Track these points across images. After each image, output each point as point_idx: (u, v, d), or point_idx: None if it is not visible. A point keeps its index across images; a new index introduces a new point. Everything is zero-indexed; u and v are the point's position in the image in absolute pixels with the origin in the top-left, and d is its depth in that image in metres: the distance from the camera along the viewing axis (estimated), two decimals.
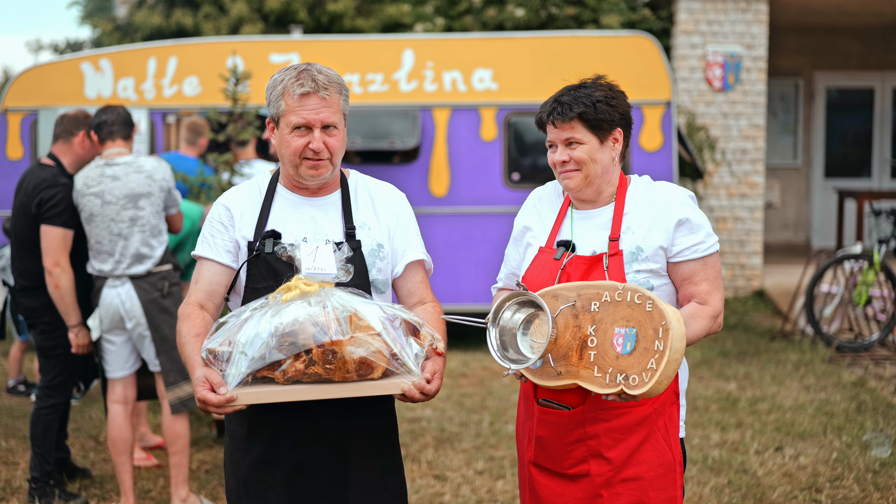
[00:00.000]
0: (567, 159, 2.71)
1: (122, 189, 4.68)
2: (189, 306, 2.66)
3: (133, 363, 4.83)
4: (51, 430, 4.92)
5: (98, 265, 4.72)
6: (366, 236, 2.70)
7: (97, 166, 4.74)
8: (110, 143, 4.81)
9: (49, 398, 4.93)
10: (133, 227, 4.68)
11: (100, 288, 4.72)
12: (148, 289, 4.70)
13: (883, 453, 5.50)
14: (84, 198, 4.68)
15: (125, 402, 4.80)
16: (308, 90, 2.60)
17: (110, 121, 4.81)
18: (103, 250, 4.68)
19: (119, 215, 4.66)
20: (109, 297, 4.68)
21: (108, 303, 4.69)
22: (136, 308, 4.68)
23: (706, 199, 10.82)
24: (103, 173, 4.71)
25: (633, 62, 8.18)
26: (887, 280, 8.23)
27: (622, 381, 2.45)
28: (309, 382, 2.42)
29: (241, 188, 2.78)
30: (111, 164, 4.74)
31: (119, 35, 15.48)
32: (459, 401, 6.72)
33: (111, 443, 4.75)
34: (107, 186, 4.67)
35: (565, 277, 2.69)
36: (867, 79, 13.28)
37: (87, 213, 4.69)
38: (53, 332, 4.89)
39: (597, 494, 2.67)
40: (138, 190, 4.70)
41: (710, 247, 2.72)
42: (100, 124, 4.82)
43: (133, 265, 4.69)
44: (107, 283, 4.70)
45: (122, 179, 4.69)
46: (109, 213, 4.66)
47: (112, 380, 4.81)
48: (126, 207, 4.67)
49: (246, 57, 8.11)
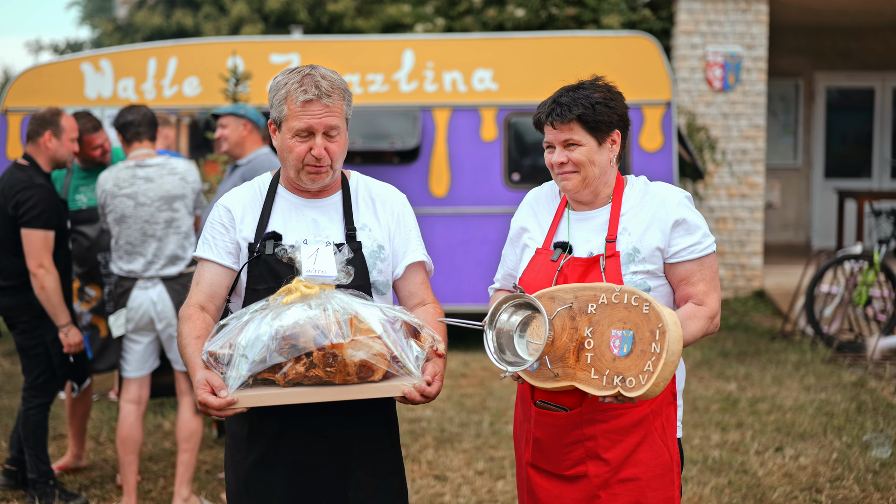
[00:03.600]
0: (565, 161, 2.71)
1: (157, 191, 4.70)
2: (190, 308, 2.66)
3: (152, 364, 4.85)
4: (42, 430, 4.87)
5: (126, 266, 4.72)
6: (366, 238, 2.70)
7: (127, 167, 4.74)
8: (137, 144, 4.82)
9: (35, 398, 4.86)
10: (168, 230, 4.71)
11: (128, 289, 4.72)
12: (180, 290, 4.72)
13: (883, 453, 5.50)
14: (115, 199, 4.68)
15: (139, 402, 4.82)
16: (311, 97, 2.59)
17: (136, 121, 4.80)
18: (134, 251, 4.69)
19: (154, 217, 4.68)
20: (140, 298, 4.70)
21: (137, 304, 4.70)
22: (168, 309, 4.70)
23: (706, 200, 10.82)
24: (135, 174, 4.72)
25: (633, 62, 8.18)
26: (887, 280, 8.23)
27: (619, 383, 2.45)
28: (310, 385, 2.42)
29: (242, 189, 2.78)
30: (142, 165, 4.75)
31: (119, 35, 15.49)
32: (460, 401, 6.73)
33: (120, 441, 4.75)
34: (140, 188, 4.69)
35: (562, 279, 2.69)
36: (867, 79, 13.28)
37: (118, 214, 4.69)
38: (33, 331, 4.83)
39: (594, 495, 2.67)
40: (173, 192, 4.73)
41: (706, 247, 2.72)
42: (126, 124, 4.81)
43: (167, 266, 4.71)
44: (137, 285, 4.71)
45: (157, 181, 4.72)
46: (143, 214, 4.68)
47: (128, 379, 4.81)
48: (161, 209, 4.70)
49: (246, 57, 8.12)
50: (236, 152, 5.16)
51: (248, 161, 5.15)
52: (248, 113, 5.14)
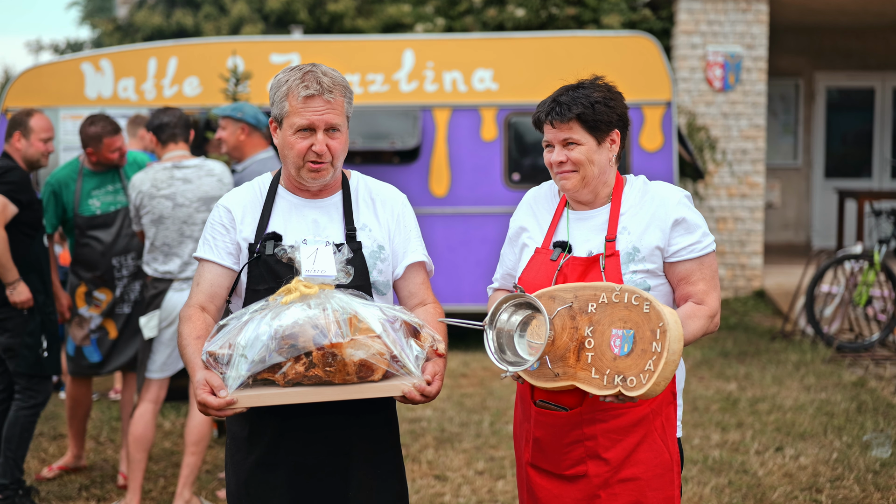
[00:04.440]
0: (564, 160, 2.71)
1: (196, 192, 4.73)
2: (190, 308, 2.66)
3: (176, 366, 4.85)
4: (28, 434, 4.79)
5: (162, 267, 4.74)
6: (366, 238, 2.70)
7: (164, 168, 4.76)
8: (172, 146, 4.85)
9: (31, 398, 4.81)
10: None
11: (162, 291, 4.74)
12: None
13: (883, 453, 5.50)
14: (154, 199, 4.70)
15: (156, 402, 4.85)
16: (313, 92, 2.59)
17: (172, 123, 4.83)
18: (171, 252, 4.71)
19: (192, 218, 4.71)
20: (174, 300, 4.72)
21: (172, 305, 4.72)
22: None
23: (706, 200, 10.82)
24: (173, 175, 4.74)
25: (633, 62, 8.18)
26: (888, 280, 8.23)
27: (620, 382, 2.45)
28: (309, 385, 2.42)
29: (242, 190, 2.78)
30: (179, 166, 4.77)
31: (119, 35, 15.49)
32: (460, 401, 6.73)
33: (134, 439, 4.76)
34: (178, 189, 4.71)
35: (562, 279, 2.69)
36: (867, 79, 13.28)
37: (156, 215, 4.71)
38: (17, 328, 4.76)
39: (594, 495, 2.67)
40: (211, 193, 4.76)
41: (706, 246, 2.72)
42: (161, 126, 4.82)
43: None
44: (172, 287, 4.73)
45: (195, 182, 4.74)
46: (181, 215, 4.70)
47: (150, 379, 4.83)
48: (200, 210, 4.73)
49: (246, 57, 8.12)
50: (235, 155, 5.19)
51: (243, 168, 5.18)
52: (245, 116, 5.09)
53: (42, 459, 5.64)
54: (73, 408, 5.35)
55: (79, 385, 5.33)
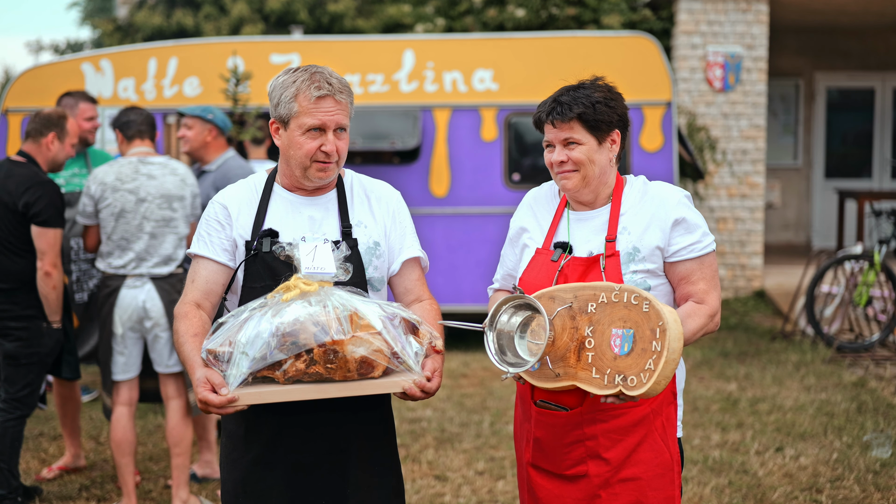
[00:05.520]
0: (565, 160, 2.71)
1: (159, 189, 4.71)
2: (185, 305, 2.66)
3: (140, 364, 4.82)
4: (18, 443, 4.71)
5: (117, 261, 4.69)
6: (362, 234, 2.71)
7: (129, 163, 4.75)
8: (138, 142, 4.85)
9: (16, 409, 4.69)
10: (165, 228, 4.71)
11: (116, 288, 4.68)
12: (169, 290, 4.71)
13: (883, 454, 5.50)
14: (117, 192, 4.67)
15: (130, 404, 4.80)
16: (325, 93, 2.62)
17: (139, 120, 4.84)
18: (127, 246, 4.67)
19: (153, 214, 4.69)
20: (129, 297, 4.67)
21: (126, 303, 4.67)
22: (157, 308, 4.68)
23: (707, 200, 10.82)
24: (138, 170, 4.72)
25: (633, 62, 8.18)
26: (888, 280, 8.23)
27: (620, 382, 2.45)
28: (310, 382, 2.42)
29: (238, 186, 2.79)
30: (145, 161, 4.76)
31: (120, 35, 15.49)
32: (460, 401, 6.73)
33: (116, 444, 4.73)
34: (142, 183, 4.70)
35: (563, 279, 2.69)
36: (867, 79, 13.28)
37: (117, 209, 4.66)
38: (31, 339, 4.67)
39: (595, 495, 2.67)
40: (174, 192, 4.74)
41: (706, 246, 2.72)
42: (127, 122, 4.83)
43: (159, 266, 4.70)
44: (125, 284, 4.67)
45: (159, 179, 4.73)
46: (143, 210, 4.68)
47: (119, 382, 4.77)
48: (161, 207, 4.71)
49: (246, 57, 8.12)
50: (198, 155, 5.31)
51: (217, 167, 5.29)
52: (215, 118, 5.27)
53: (42, 460, 5.64)
54: (62, 406, 5.32)
55: (62, 382, 5.30)
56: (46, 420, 6.32)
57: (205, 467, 5.29)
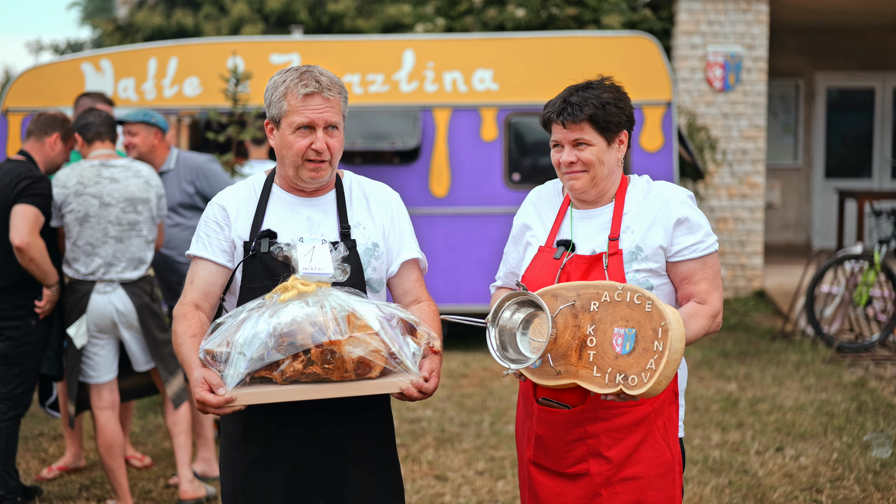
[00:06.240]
0: (575, 160, 2.71)
1: (123, 192, 4.63)
2: (184, 306, 2.65)
3: (116, 365, 4.79)
4: (13, 443, 4.68)
5: (83, 268, 4.60)
6: (361, 236, 2.71)
7: (91, 166, 4.65)
8: (99, 144, 4.74)
9: (11, 410, 4.67)
10: (132, 232, 4.64)
11: (86, 293, 4.61)
12: (139, 293, 4.67)
13: (883, 454, 5.50)
14: (80, 197, 4.58)
15: (113, 407, 4.75)
16: (312, 90, 2.61)
17: (98, 122, 4.74)
18: (93, 252, 4.59)
19: (118, 218, 4.61)
20: (100, 303, 4.61)
21: (98, 309, 4.61)
22: (130, 312, 4.64)
23: (707, 200, 10.82)
24: (100, 174, 4.63)
25: (633, 62, 8.18)
26: (888, 280, 8.23)
27: (621, 381, 2.45)
28: (307, 382, 2.42)
29: (236, 188, 2.79)
30: (107, 165, 4.67)
31: (120, 35, 15.49)
32: (460, 401, 6.72)
33: (105, 449, 4.68)
34: (105, 188, 4.61)
35: (565, 277, 2.69)
36: (867, 79, 13.28)
37: (81, 213, 4.57)
38: (22, 338, 4.65)
39: (596, 494, 2.67)
40: (138, 194, 4.66)
41: (709, 246, 2.72)
42: (87, 125, 4.73)
43: (128, 270, 4.64)
44: (95, 289, 4.60)
45: (122, 182, 4.64)
46: (108, 215, 4.60)
47: (99, 385, 4.72)
48: (126, 211, 4.63)
49: (246, 57, 8.11)
50: (147, 160, 5.30)
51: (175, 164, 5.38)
52: (158, 121, 5.32)
53: (42, 460, 5.63)
54: (63, 406, 5.32)
55: (63, 383, 5.27)
56: (46, 420, 6.32)
57: (203, 465, 5.29)
